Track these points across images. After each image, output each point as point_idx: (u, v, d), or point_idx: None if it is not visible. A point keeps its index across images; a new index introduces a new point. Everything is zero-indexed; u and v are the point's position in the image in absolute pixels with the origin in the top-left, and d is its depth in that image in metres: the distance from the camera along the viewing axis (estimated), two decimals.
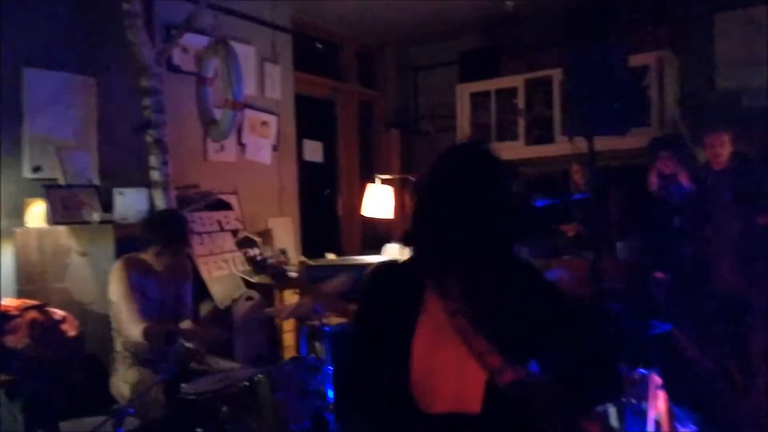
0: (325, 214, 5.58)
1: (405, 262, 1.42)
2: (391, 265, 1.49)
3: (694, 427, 2.95)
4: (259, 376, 2.57)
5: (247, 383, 2.55)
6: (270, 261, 3.99)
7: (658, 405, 3.18)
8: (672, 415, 3.14)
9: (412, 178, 4.74)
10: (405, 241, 1.40)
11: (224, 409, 2.51)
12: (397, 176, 5.09)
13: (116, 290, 2.77)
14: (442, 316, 1.32)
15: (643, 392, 3.09)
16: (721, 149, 3.59)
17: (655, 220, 3.75)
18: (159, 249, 2.88)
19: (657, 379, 3.15)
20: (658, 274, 3.62)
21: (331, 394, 2.74)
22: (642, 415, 3.09)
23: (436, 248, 1.34)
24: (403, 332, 1.34)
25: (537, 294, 1.37)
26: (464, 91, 5.21)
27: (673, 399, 3.09)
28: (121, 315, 2.77)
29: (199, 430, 2.45)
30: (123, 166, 3.65)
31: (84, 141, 3.59)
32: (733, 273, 3.59)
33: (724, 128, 3.64)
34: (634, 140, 4.13)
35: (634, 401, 3.10)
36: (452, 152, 1.44)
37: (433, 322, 1.33)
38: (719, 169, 3.65)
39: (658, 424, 3.17)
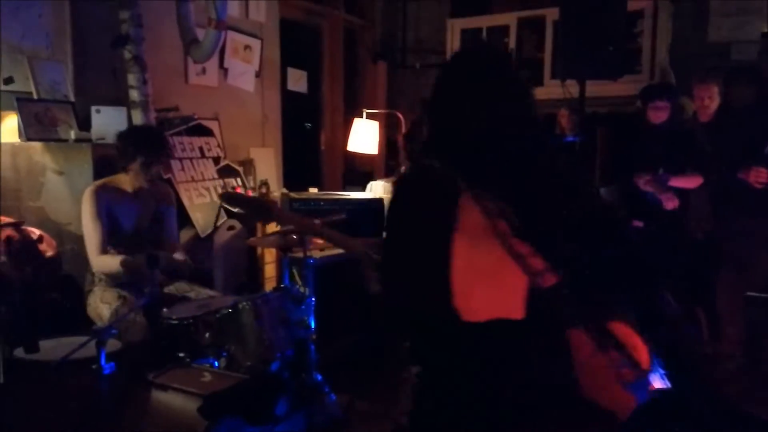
0: (307, 147, 5.47)
1: (435, 169, 1.33)
2: (421, 172, 1.41)
3: (662, 371, 3.06)
4: (243, 303, 2.56)
5: (231, 310, 2.54)
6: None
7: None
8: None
9: (399, 115, 4.65)
10: (426, 152, 1.37)
11: (207, 335, 2.51)
12: (383, 111, 4.98)
13: (83, 218, 2.77)
14: (481, 221, 1.24)
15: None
16: (710, 101, 3.59)
17: (635, 168, 3.76)
18: (142, 161, 2.81)
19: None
20: (636, 223, 3.67)
21: (313, 324, 2.75)
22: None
23: (469, 159, 1.30)
24: (440, 241, 1.26)
25: (573, 195, 1.32)
26: (455, 27, 5.07)
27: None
28: (86, 243, 2.77)
29: (181, 354, 2.45)
30: (98, 82, 3.49)
31: (57, 52, 3.39)
32: (709, 223, 3.67)
33: (713, 80, 3.62)
34: (622, 87, 4.11)
35: None
36: (459, 61, 1.42)
37: (470, 228, 1.25)
38: (705, 121, 3.67)
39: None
